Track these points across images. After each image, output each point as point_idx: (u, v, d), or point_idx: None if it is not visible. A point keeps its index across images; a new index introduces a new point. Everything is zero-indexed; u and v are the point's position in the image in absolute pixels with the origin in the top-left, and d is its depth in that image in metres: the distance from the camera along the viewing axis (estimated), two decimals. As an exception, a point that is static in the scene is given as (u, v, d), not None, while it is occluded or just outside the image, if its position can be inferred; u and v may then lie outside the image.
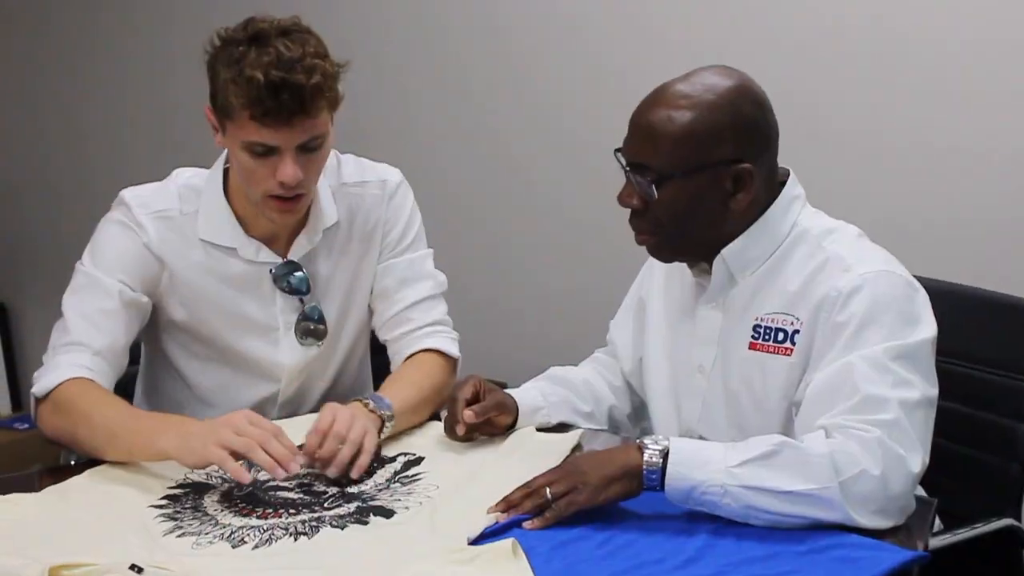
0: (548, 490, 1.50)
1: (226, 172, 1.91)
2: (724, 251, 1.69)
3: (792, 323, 1.65)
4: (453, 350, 2.05)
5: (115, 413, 1.76)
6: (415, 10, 3.21)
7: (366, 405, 1.82)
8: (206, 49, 1.78)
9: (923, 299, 1.62)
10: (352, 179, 1.99)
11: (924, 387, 1.55)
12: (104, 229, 1.92)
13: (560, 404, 1.91)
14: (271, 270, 1.93)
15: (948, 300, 1.96)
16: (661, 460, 1.48)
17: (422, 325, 2.03)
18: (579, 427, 1.89)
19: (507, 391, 1.87)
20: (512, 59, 3.06)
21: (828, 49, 2.59)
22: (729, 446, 1.51)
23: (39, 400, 1.83)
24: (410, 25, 3.21)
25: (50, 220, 4.11)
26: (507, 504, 1.51)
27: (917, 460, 1.49)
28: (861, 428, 1.48)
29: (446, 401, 1.86)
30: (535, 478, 1.53)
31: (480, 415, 1.78)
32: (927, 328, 1.59)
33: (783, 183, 1.71)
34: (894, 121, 2.53)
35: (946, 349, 1.93)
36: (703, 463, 1.47)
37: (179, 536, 1.50)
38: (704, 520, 1.47)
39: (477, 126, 3.15)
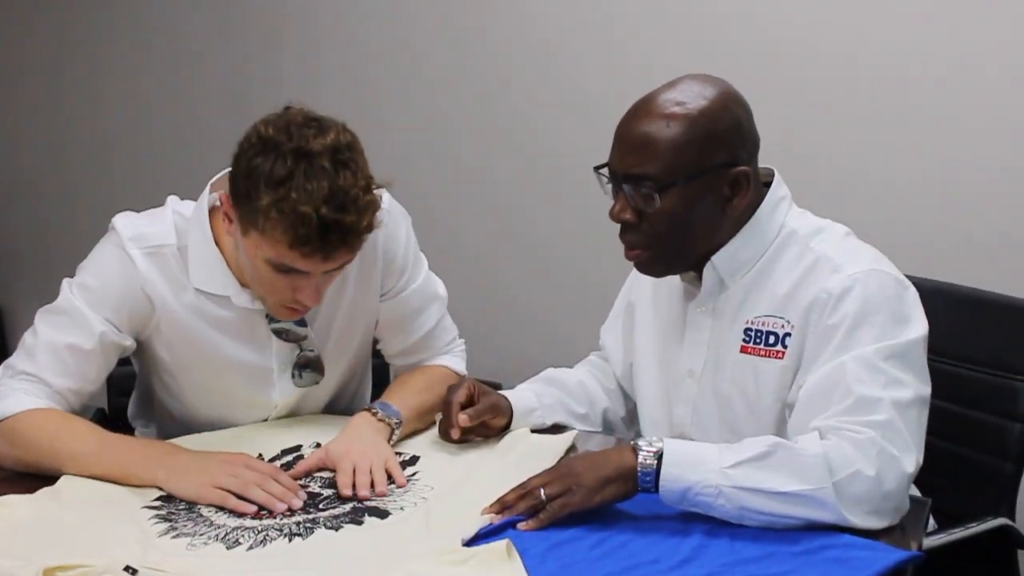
0: (543, 491, 1.50)
1: (212, 214, 1.79)
2: (714, 257, 1.69)
3: (783, 326, 1.65)
4: (461, 368, 2.04)
5: (83, 444, 1.70)
6: (398, 20, 3.22)
7: (374, 414, 1.82)
8: (240, 144, 1.65)
9: (913, 297, 1.62)
10: None
11: (917, 386, 1.55)
12: (100, 256, 1.81)
13: (554, 406, 1.91)
14: (267, 314, 1.83)
15: (940, 299, 1.97)
16: (655, 461, 1.48)
17: (435, 351, 2.03)
18: (573, 428, 1.89)
19: (501, 392, 1.87)
20: (511, 62, 3.06)
21: (823, 50, 2.59)
22: (723, 447, 1.51)
23: None
24: (393, 32, 3.22)
25: (41, 221, 4.09)
26: (501, 505, 1.52)
27: (911, 460, 1.49)
28: (855, 429, 1.48)
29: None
30: (530, 479, 1.53)
31: (474, 418, 1.78)
32: (918, 326, 1.59)
33: (767, 184, 1.71)
34: (891, 119, 2.54)
35: (939, 348, 1.93)
36: (697, 464, 1.48)
37: (174, 537, 1.50)
38: (699, 521, 1.48)
39: (474, 127, 3.15)
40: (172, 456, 1.70)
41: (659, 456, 1.48)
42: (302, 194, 1.57)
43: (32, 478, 1.68)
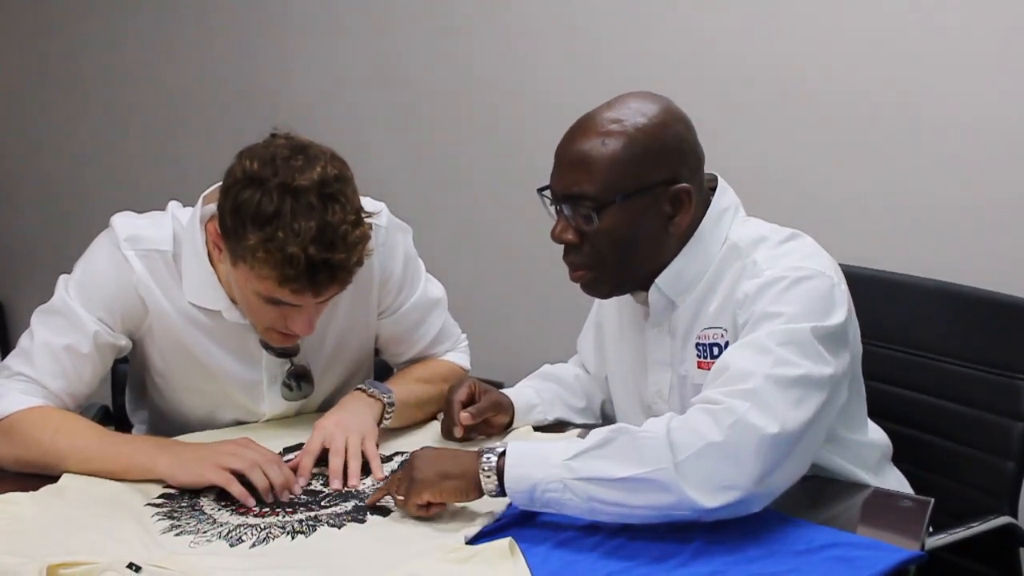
0: (394, 496, 1.54)
1: (205, 223, 1.77)
2: (658, 280, 1.67)
3: (722, 335, 1.64)
4: (466, 363, 2.05)
5: (84, 439, 1.69)
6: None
7: (364, 391, 1.82)
8: (226, 178, 1.63)
9: (838, 292, 1.58)
10: None
11: (810, 367, 1.48)
12: (94, 256, 1.80)
13: (554, 400, 1.92)
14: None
15: (943, 299, 1.97)
16: (496, 463, 1.47)
17: (440, 354, 2.03)
18: (575, 424, 1.90)
19: (503, 391, 1.88)
20: (513, 61, 3.07)
21: (820, 55, 2.59)
22: (571, 440, 1.49)
23: None
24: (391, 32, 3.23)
25: (46, 217, 4.10)
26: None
27: (774, 427, 1.42)
28: (716, 400, 1.45)
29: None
30: (390, 480, 1.57)
31: (477, 416, 1.78)
32: (828, 317, 1.54)
33: (712, 189, 1.70)
34: (888, 117, 2.54)
35: (941, 348, 1.94)
36: (542, 461, 1.45)
37: (177, 535, 1.50)
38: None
39: (475, 126, 3.15)
40: (175, 446, 1.71)
41: (502, 455, 1.47)
42: (289, 234, 1.55)
43: (35, 476, 1.68)
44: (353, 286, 1.81)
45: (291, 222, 1.55)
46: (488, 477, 1.47)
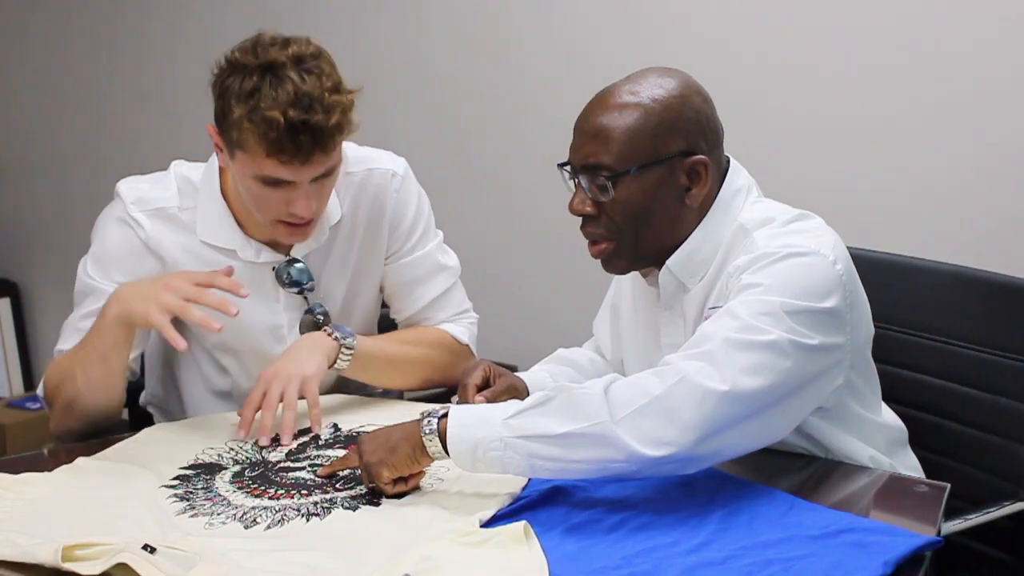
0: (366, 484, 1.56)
1: (222, 170, 1.87)
2: (669, 261, 1.67)
3: None
4: (463, 337, 2.05)
5: (76, 346, 1.81)
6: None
7: (324, 330, 1.87)
8: (212, 70, 1.72)
9: (824, 271, 1.55)
10: (356, 168, 1.94)
11: (780, 335, 1.47)
12: (102, 227, 1.88)
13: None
14: (273, 267, 1.90)
15: (960, 284, 1.96)
16: (438, 424, 1.49)
17: (440, 320, 2.04)
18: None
19: (517, 374, 1.87)
20: (514, 56, 3.06)
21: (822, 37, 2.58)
22: (513, 402, 1.51)
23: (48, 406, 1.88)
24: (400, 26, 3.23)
25: (61, 200, 4.12)
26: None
27: (722, 386, 1.42)
28: (669, 362, 1.46)
29: (452, 383, 1.86)
30: (350, 454, 1.61)
31: (491, 400, 1.78)
32: (812, 297, 1.52)
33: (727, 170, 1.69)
34: (912, 104, 2.52)
35: (958, 333, 1.94)
36: (482, 421, 1.47)
37: (191, 516, 1.51)
38: (716, 504, 1.47)
39: (490, 115, 3.15)
40: (131, 285, 1.77)
41: (444, 416, 1.49)
42: (269, 101, 1.64)
43: (51, 459, 1.71)
44: (365, 230, 1.92)
45: (270, 92, 1.65)
46: (430, 440, 1.49)
